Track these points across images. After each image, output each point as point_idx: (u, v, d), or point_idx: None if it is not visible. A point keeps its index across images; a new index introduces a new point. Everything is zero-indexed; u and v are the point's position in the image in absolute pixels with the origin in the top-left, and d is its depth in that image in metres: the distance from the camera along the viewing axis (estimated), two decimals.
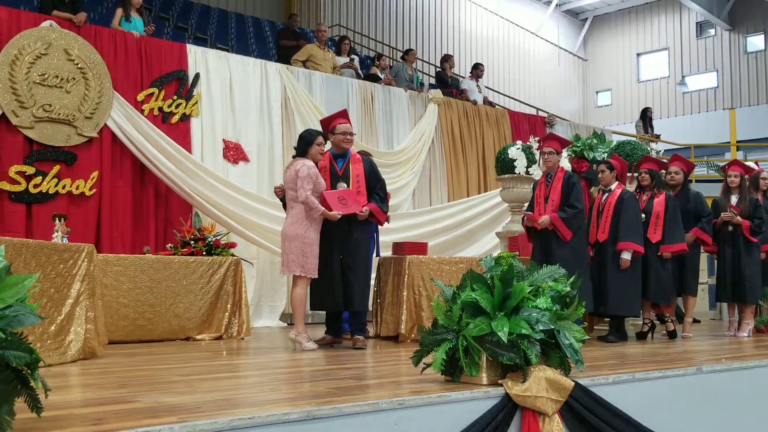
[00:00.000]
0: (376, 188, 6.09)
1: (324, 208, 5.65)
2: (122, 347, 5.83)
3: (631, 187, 7.25)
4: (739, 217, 7.05)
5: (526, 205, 7.38)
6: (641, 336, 6.92)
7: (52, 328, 4.48)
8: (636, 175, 7.22)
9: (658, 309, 7.11)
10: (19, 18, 7.50)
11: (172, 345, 6.15)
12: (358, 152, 6.43)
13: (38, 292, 4.30)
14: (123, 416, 2.65)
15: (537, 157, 8.19)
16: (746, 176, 7.38)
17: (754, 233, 7.13)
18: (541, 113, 14.17)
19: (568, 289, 3.74)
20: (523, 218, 6.72)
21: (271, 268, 8.57)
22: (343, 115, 6.23)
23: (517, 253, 4.06)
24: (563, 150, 6.73)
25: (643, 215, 6.77)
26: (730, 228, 7.14)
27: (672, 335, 6.97)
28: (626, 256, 6.47)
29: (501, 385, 3.38)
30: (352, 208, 5.78)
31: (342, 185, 5.95)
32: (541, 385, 3.38)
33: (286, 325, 8.52)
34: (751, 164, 8.21)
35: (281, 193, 5.90)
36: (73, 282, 4.77)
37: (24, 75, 7.27)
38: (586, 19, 25.00)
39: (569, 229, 6.30)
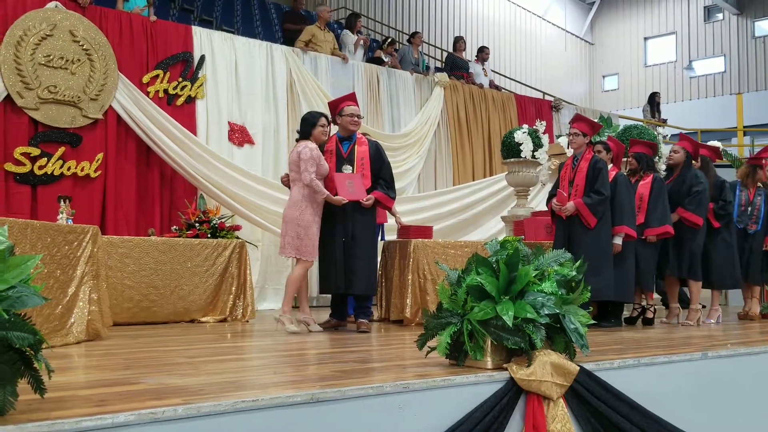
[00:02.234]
0: (381, 172, 5.97)
1: (328, 193, 5.64)
2: (127, 329, 5.83)
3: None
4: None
5: (551, 185, 7.26)
6: (630, 321, 6.87)
7: (58, 309, 4.49)
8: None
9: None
10: None
11: (176, 327, 6.15)
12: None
13: (44, 274, 4.30)
14: (127, 398, 2.65)
15: (543, 141, 8.16)
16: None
17: (718, 216, 6.97)
18: (547, 97, 14.08)
19: (574, 273, 3.72)
20: (548, 198, 6.62)
21: (275, 251, 8.53)
22: (351, 97, 6.14)
23: (523, 237, 4.04)
24: (593, 133, 6.58)
25: None
26: None
27: (647, 322, 6.84)
28: (618, 240, 6.37)
29: (505, 369, 3.37)
30: (357, 195, 5.76)
31: (347, 168, 5.88)
32: (545, 370, 3.36)
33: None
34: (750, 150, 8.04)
35: (288, 182, 5.84)
36: (77, 264, 4.77)
37: (29, 56, 7.24)
38: (593, 2, 24.81)
39: (594, 216, 6.20)
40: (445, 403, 3.14)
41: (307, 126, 5.78)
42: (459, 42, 12.28)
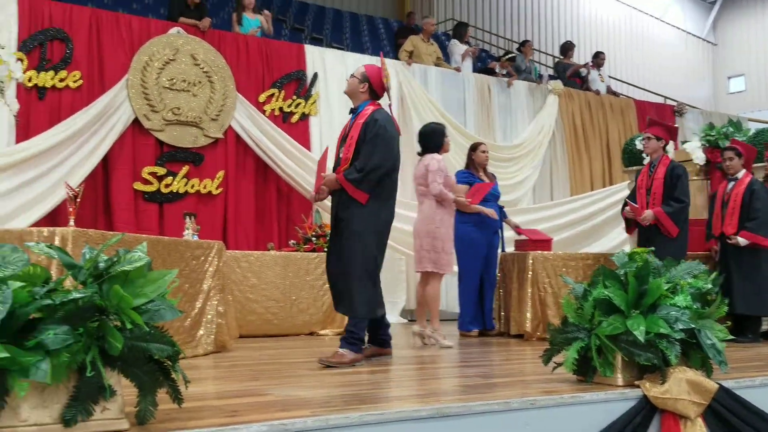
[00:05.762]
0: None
1: (455, 196, 5.63)
2: (251, 341, 5.99)
3: None
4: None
5: (628, 192, 7.00)
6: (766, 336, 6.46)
7: (187, 322, 4.65)
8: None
9: None
10: (149, 26, 7.87)
11: (297, 339, 6.27)
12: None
13: (175, 288, 4.47)
14: (257, 409, 2.69)
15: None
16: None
17: None
18: (668, 101, 13.54)
19: (710, 286, 3.54)
20: (623, 206, 6.38)
21: (389, 265, 8.59)
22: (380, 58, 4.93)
23: (653, 248, 3.86)
24: (669, 138, 6.29)
25: None
26: None
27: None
28: (742, 241, 6.06)
29: (638, 387, 3.25)
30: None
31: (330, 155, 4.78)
32: (681, 387, 3.21)
33: (407, 321, 8.53)
34: None
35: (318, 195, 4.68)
36: (204, 278, 4.94)
37: (154, 80, 7.61)
38: (715, 1, 23.71)
39: (675, 225, 5.92)
40: (574, 421, 3.04)
41: (438, 138, 5.76)
42: (568, 48, 12.01)
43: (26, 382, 2.03)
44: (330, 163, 4.75)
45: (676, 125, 6.98)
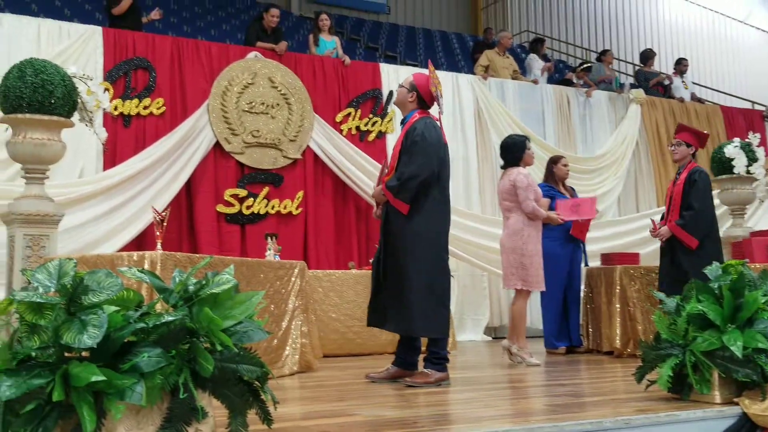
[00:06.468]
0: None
1: (548, 213, 5.52)
2: (335, 360, 5.99)
3: None
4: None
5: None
6: None
7: (274, 342, 4.69)
8: None
9: None
10: (227, 52, 8.05)
11: (380, 358, 6.23)
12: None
13: (261, 309, 4.50)
14: (346, 429, 2.67)
15: (758, 154, 7.49)
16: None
17: None
18: (756, 106, 13.01)
19: None
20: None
21: (472, 281, 8.52)
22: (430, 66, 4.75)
23: (747, 260, 3.69)
24: (699, 144, 5.94)
25: None
26: None
27: None
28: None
29: (737, 404, 3.16)
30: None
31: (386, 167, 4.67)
32: None
33: (490, 338, 8.41)
34: None
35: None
36: (288, 298, 4.97)
37: (234, 104, 7.77)
38: None
39: (692, 235, 5.58)
40: None
41: (517, 150, 5.66)
42: (649, 56, 11.68)
43: (122, 405, 2.06)
44: None
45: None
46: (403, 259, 4.24)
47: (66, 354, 2.10)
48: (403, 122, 4.62)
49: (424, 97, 4.57)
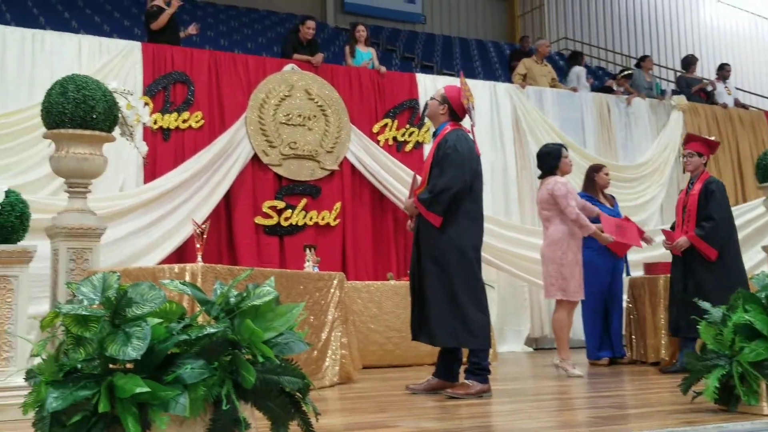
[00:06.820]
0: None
1: (595, 228, 5.41)
2: (375, 372, 5.97)
3: None
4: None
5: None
6: None
7: (314, 353, 4.68)
8: None
9: None
10: (264, 64, 8.11)
11: (420, 369, 6.18)
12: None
13: (301, 320, 4.51)
14: None
15: None
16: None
17: None
18: None
19: None
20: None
21: (512, 292, 8.43)
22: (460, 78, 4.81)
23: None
24: (710, 153, 5.80)
25: None
26: None
27: None
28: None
29: None
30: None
31: (418, 179, 4.68)
32: None
33: (532, 349, 8.30)
34: None
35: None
36: (328, 309, 4.97)
37: (271, 116, 7.82)
38: None
39: (712, 247, 5.44)
40: None
41: (552, 159, 5.59)
42: (691, 62, 11.49)
43: (166, 416, 2.07)
44: None
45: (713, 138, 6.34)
46: (433, 270, 4.27)
47: (111, 366, 2.12)
48: (434, 134, 4.62)
49: (455, 110, 4.58)
